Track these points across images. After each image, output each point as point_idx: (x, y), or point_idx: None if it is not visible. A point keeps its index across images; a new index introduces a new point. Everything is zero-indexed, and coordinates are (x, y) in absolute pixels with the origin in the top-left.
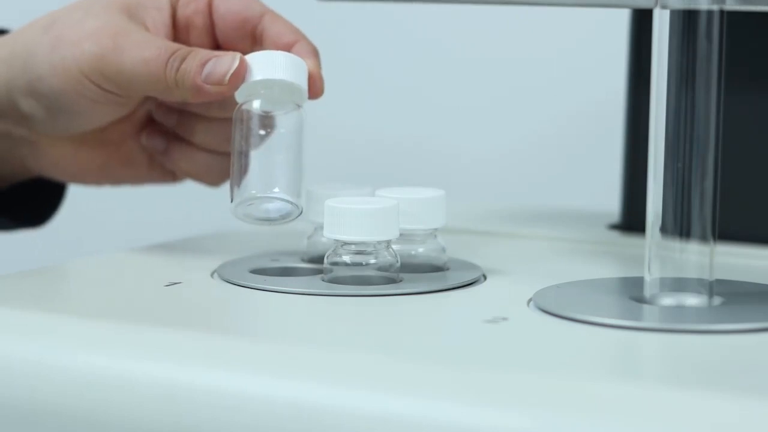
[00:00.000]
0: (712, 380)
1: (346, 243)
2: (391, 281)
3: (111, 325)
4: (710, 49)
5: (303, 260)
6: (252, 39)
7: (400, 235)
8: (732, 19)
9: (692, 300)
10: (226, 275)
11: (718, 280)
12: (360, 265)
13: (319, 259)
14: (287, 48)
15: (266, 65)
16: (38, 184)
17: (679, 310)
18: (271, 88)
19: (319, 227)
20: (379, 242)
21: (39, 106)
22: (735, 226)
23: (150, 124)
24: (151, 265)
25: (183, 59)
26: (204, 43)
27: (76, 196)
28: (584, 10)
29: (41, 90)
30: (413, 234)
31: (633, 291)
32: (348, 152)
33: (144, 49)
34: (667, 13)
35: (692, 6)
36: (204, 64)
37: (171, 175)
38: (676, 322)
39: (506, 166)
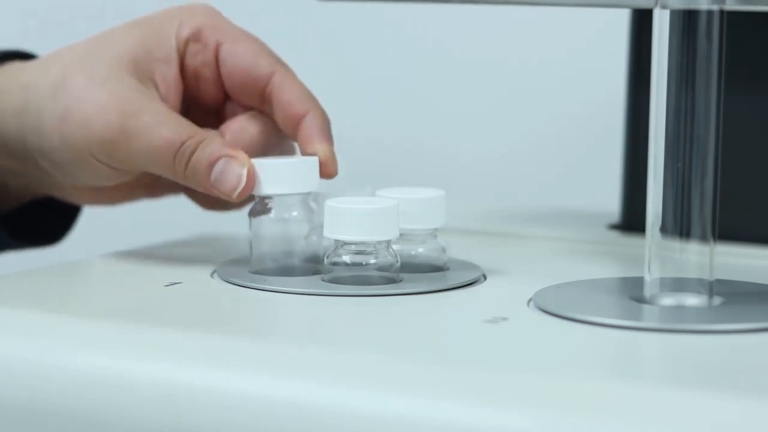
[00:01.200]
0: (712, 380)
1: (346, 243)
2: (391, 281)
3: (111, 325)
4: (710, 49)
5: (303, 260)
6: (261, 98)
7: (400, 235)
8: (732, 19)
9: (692, 300)
10: (226, 275)
11: (718, 280)
12: (360, 265)
13: (318, 260)
14: (297, 119)
15: (275, 179)
16: (52, 203)
17: (679, 310)
18: (281, 196)
19: (319, 227)
20: (379, 242)
21: (54, 168)
22: (735, 226)
23: None
24: (151, 265)
25: (192, 152)
26: (213, 95)
27: None
28: (584, 10)
29: (53, 157)
30: (413, 234)
31: (633, 291)
32: (348, 152)
33: (153, 137)
34: (667, 13)
35: (692, 6)
36: (213, 164)
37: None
38: (676, 322)
39: (506, 166)
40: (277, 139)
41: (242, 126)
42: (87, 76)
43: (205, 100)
